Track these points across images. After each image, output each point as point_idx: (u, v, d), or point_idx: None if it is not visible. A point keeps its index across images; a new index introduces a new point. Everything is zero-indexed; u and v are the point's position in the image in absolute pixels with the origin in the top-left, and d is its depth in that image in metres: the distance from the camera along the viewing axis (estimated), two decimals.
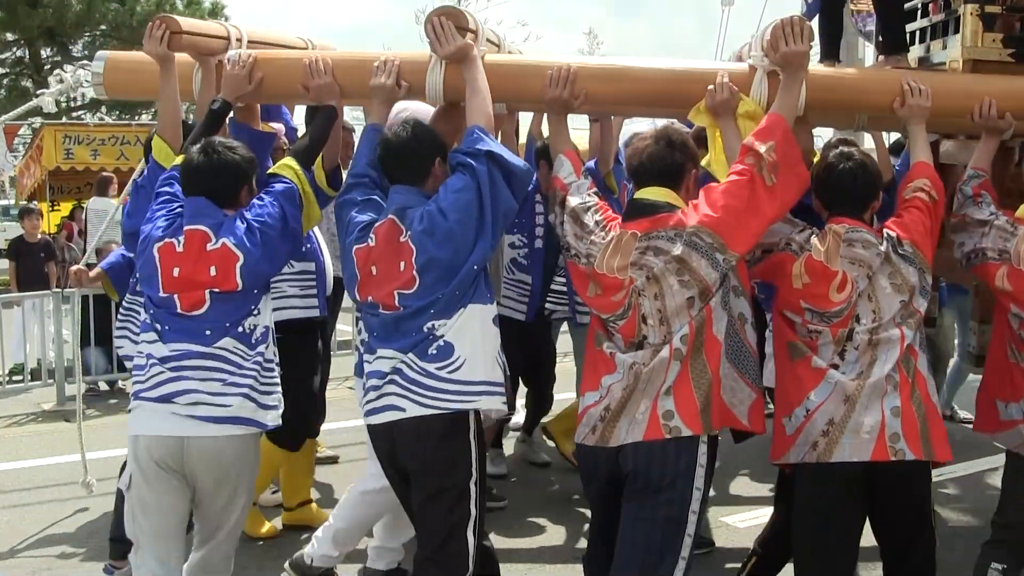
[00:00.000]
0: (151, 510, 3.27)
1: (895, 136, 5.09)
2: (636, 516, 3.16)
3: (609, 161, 4.93)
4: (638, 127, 5.06)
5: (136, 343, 3.43)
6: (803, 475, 3.36)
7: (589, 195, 3.35)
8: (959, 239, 3.61)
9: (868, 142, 4.59)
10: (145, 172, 4.08)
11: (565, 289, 5.47)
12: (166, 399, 3.20)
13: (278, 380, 3.37)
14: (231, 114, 3.85)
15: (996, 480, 5.34)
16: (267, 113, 4.56)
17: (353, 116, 6.33)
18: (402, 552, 4.22)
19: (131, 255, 4.24)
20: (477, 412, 3.29)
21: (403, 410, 3.21)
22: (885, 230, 3.34)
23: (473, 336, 3.25)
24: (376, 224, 3.28)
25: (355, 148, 3.64)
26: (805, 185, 3.36)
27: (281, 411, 3.35)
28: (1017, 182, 3.72)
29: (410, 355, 3.21)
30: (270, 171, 3.50)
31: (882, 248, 3.28)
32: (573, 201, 3.33)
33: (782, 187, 3.22)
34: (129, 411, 3.31)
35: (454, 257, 3.19)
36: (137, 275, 3.57)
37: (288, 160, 3.48)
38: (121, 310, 4.49)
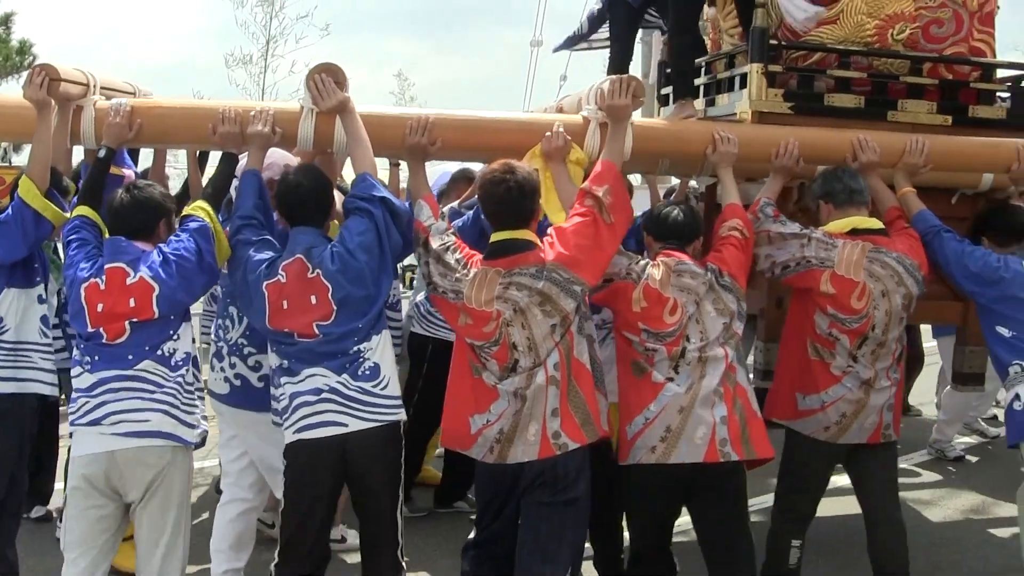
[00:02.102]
0: (80, 526, 3.57)
1: None
2: (540, 510, 3.62)
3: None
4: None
5: None
6: (638, 475, 3.88)
7: (447, 236, 3.74)
8: (765, 251, 4.13)
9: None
10: (9, 210, 4.24)
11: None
12: (95, 423, 3.52)
13: (198, 403, 3.72)
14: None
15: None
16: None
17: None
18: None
19: None
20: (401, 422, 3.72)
21: (345, 425, 3.57)
22: (708, 263, 3.94)
23: (390, 358, 3.72)
24: (284, 262, 3.63)
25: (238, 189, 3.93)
26: (631, 221, 3.94)
27: (201, 431, 3.68)
28: (794, 219, 4.29)
29: (344, 376, 3.58)
30: (184, 211, 3.81)
31: (707, 278, 3.87)
32: (434, 243, 3.70)
33: (618, 224, 3.76)
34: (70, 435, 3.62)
35: (367, 292, 3.62)
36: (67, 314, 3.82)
37: (200, 202, 3.78)
38: None
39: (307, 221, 3.72)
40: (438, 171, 5.74)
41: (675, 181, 5.72)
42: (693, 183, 5.15)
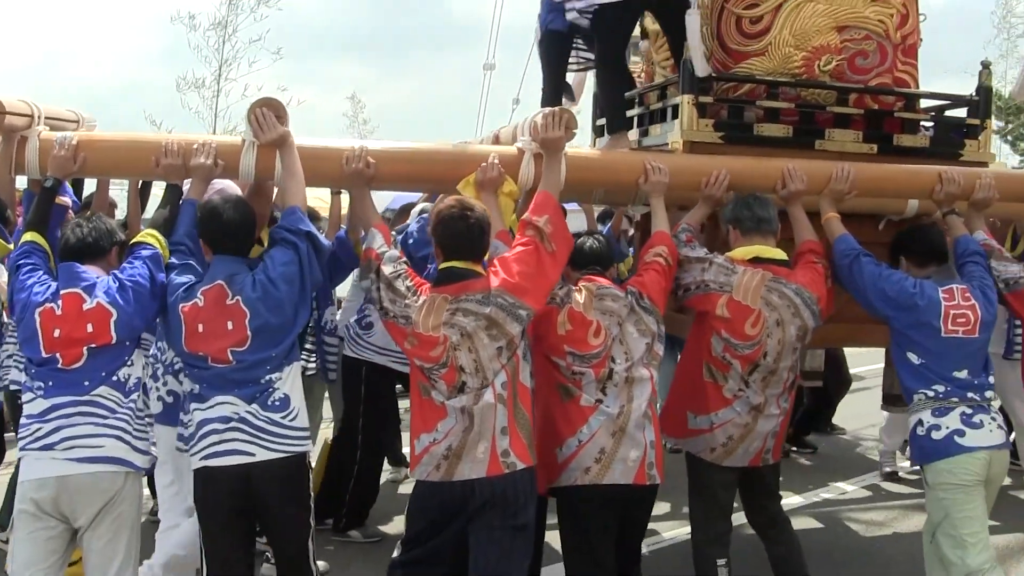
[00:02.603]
0: (28, 548, 3.61)
1: None
2: (491, 533, 3.68)
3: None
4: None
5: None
6: (571, 497, 3.98)
7: (399, 264, 3.82)
8: (675, 274, 4.25)
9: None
10: None
11: None
12: (47, 447, 3.57)
13: (148, 428, 3.80)
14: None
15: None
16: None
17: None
18: None
19: None
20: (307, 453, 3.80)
21: (252, 455, 3.61)
22: (628, 286, 4.07)
23: (299, 389, 3.79)
24: (204, 287, 3.71)
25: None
26: (571, 248, 4.05)
27: (152, 457, 3.76)
28: (725, 247, 4.43)
29: (253, 405, 3.64)
30: (135, 240, 3.89)
31: (627, 300, 4.01)
32: (386, 269, 3.76)
33: (559, 252, 3.90)
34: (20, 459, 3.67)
35: (284, 322, 3.72)
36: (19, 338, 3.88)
37: (151, 230, 3.88)
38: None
39: (229, 250, 3.82)
40: (389, 196, 5.84)
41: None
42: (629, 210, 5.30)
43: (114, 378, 3.66)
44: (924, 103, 5.28)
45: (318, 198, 7.07)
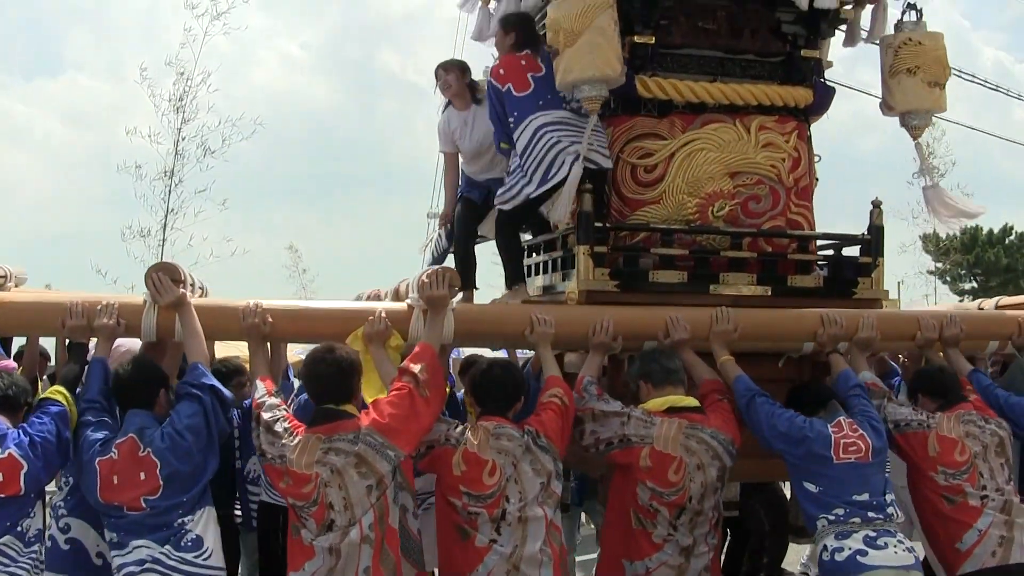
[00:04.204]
0: None
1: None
2: None
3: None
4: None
5: None
6: None
7: (278, 410, 4.02)
8: (591, 428, 4.38)
9: None
10: None
11: None
12: None
13: None
14: None
15: None
16: None
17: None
18: None
19: None
20: None
21: None
22: (526, 425, 4.21)
23: (213, 531, 3.99)
24: (117, 441, 3.91)
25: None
26: (446, 396, 4.25)
27: None
28: (626, 388, 4.61)
29: (167, 547, 3.86)
30: (43, 396, 4.10)
31: (523, 440, 4.14)
32: (265, 415, 3.98)
33: (433, 399, 4.07)
34: None
35: (194, 469, 3.95)
36: None
37: (58, 387, 4.07)
38: None
39: (137, 404, 4.04)
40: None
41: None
42: None
43: (18, 528, 3.83)
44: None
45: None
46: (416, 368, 4.06)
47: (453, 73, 5.80)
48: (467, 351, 6.67)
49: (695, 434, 4.32)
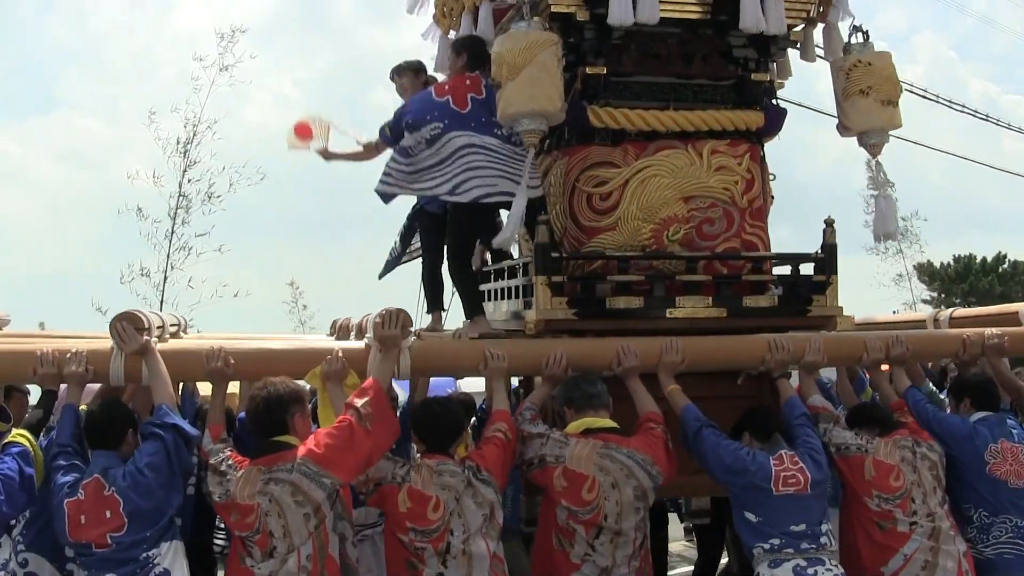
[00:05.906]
0: None
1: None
2: None
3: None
4: None
5: None
6: None
7: (223, 452, 4.21)
8: (519, 449, 4.54)
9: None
10: None
11: None
12: None
13: None
14: None
15: None
16: None
17: None
18: None
19: None
20: None
21: None
22: (467, 460, 4.38)
23: (181, 563, 4.18)
24: (84, 481, 4.11)
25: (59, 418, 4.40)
26: (396, 431, 4.42)
27: None
28: (556, 415, 4.75)
29: None
30: (7, 439, 4.31)
31: (464, 475, 4.31)
32: (211, 459, 4.21)
33: (376, 432, 4.23)
34: None
35: (157, 504, 4.12)
36: None
37: (22, 430, 4.30)
38: None
39: (103, 445, 4.24)
40: None
41: None
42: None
43: None
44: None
45: None
46: (359, 402, 4.24)
47: (407, 76, 5.98)
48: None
49: (609, 453, 4.45)
